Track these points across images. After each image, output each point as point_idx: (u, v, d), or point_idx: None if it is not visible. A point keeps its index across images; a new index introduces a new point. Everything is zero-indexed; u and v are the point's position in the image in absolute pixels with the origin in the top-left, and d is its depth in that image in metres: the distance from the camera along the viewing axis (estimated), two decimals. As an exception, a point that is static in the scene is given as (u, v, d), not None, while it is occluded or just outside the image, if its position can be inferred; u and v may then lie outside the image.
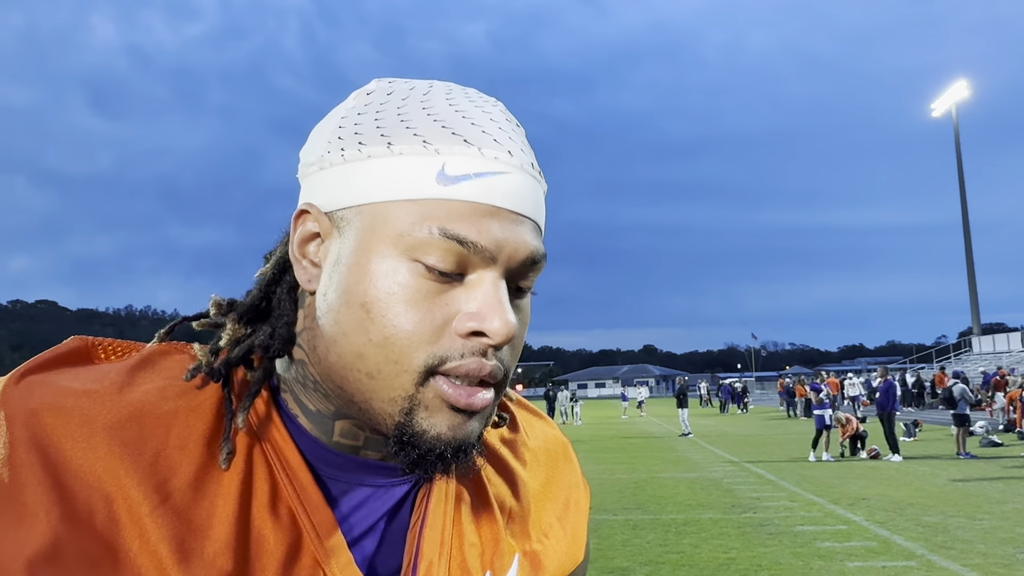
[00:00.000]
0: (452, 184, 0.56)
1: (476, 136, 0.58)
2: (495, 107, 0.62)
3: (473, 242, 0.56)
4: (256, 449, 0.60)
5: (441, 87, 0.62)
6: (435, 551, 0.64)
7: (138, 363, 0.61)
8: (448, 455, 0.57)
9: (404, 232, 0.56)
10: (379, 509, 0.64)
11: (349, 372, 0.57)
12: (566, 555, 0.75)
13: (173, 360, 0.62)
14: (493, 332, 0.56)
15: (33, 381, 0.57)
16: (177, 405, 0.58)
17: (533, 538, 0.73)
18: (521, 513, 0.73)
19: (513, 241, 0.57)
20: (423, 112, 0.59)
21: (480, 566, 0.66)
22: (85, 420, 0.55)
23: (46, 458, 0.54)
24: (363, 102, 0.61)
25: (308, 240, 0.61)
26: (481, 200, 0.57)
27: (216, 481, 0.57)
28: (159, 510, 0.54)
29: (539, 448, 0.78)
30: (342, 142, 0.59)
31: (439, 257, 0.56)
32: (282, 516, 0.59)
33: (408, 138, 0.57)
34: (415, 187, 0.56)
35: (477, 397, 0.57)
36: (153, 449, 0.56)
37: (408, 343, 0.55)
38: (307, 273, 0.60)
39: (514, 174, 0.59)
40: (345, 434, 0.62)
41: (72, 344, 0.63)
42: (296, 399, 0.62)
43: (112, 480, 0.54)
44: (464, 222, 0.56)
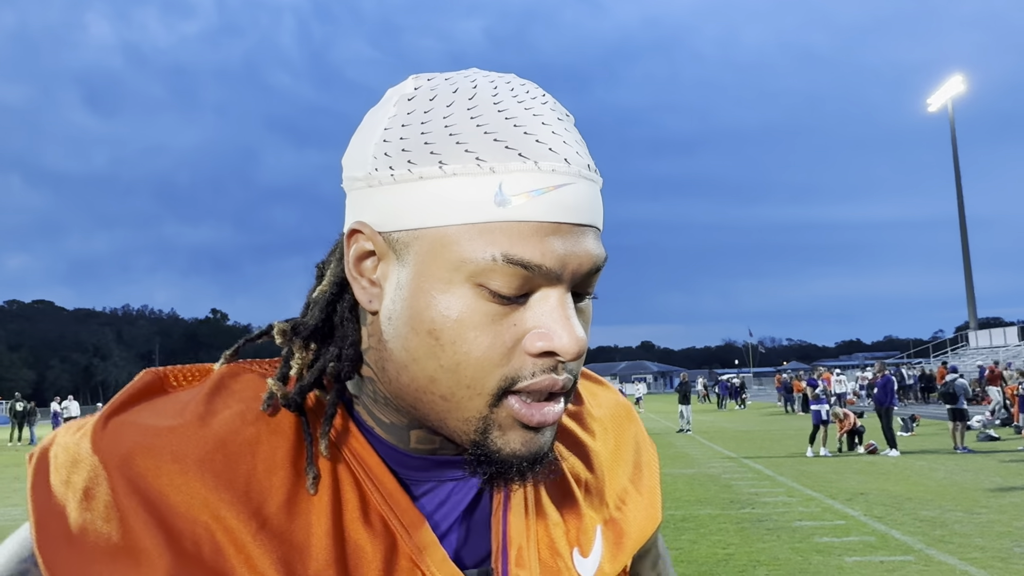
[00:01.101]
0: (511, 205, 0.54)
1: (531, 148, 0.55)
2: (544, 105, 0.59)
3: (538, 265, 0.54)
4: (340, 463, 0.61)
5: (485, 85, 0.58)
6: (522, 535, 0.65)
7: (212, 389, 0.62)
8: (524, 468, 0.58)
9: (466, 258, 0.54)
10: (461, 502, 0.65)
11: (423, 394, 0.58)
12: (645, 517, 0.76)
13: (244, 382, 0.63)
14: (564, 350, 0.55)
15: (118, 423, 0.59)
16: (258, 429, 0.59)
17: (611, 506, 0.73)
18: (596, 484, 0.73)
19: (576, 256, 0.56)
20: (472, 122, 0.56)
21: (567, 543, 0.67)
22: (175, 457, 0.56)
23: (147, 500, 0.55)
24: (406, 110, 0.58)
25: (363, 258, 0.60)
26: (542, 219, 0.55)
27: (307, 499, 0.58)
28: (260, 535, 0.56)
29: (604, 416, 0.79)
30: (389, 159, 0.57)
31: (503, 282, 0.54)
32: (374, 524, 0.60)
33: (460, 155, 0.55)
34: (472, 210, 0.54)
35: (548, 413, 0.57)
36: (244, 476, 0.57)
37: (479, 368, 0.55)
38: (367, 293, 0.59)
39: (573, 184, 0.56)
40: (421, 440, 0.62)
41: (145, 378, 0.64)
42: (370, 412, 0.63)
43: (211, 512, 0.55)
44: (526, 244, 0.54)
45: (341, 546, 0.58)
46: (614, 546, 0.71)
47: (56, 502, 0.56)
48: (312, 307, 0.64)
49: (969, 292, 47.31)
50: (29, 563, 0.56)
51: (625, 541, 0.72)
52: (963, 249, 47.79)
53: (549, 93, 0.61)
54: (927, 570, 6.33)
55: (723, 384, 42.95)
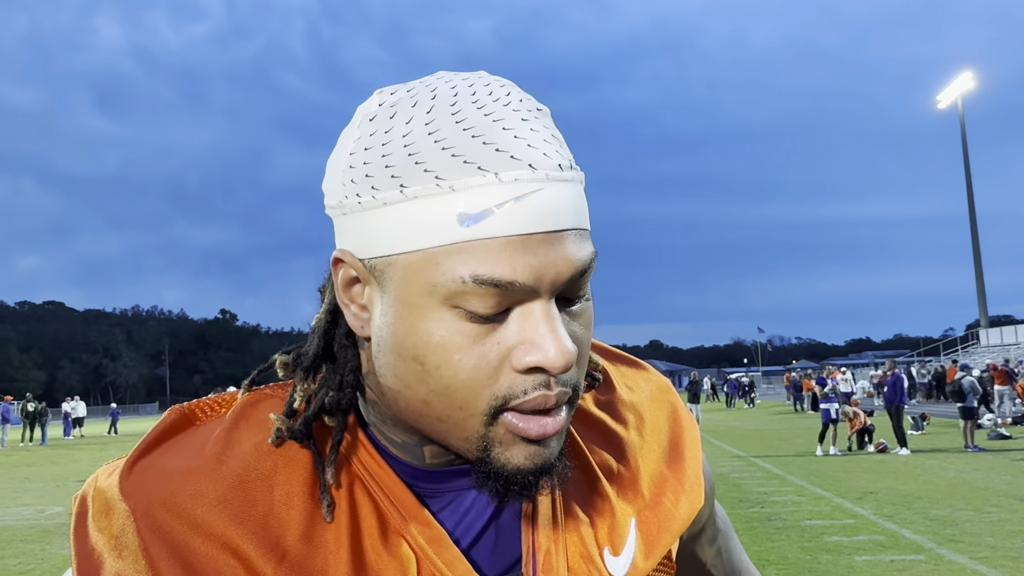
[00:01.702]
0: (474, 223, 0.52)
1: (490, 159, 0.53)
2: (506, 107, 0.55)
3: (510, 282, 0.52)
4: (357, 485, 0.62)
5: (445, 93, 0.55)
6: (550, 540, 0.63)
7: (233, 422, 0.63)
8: (531, 482, 0.57)
9: (437, 283, 0.53)
10: (485, 511, 0.64)
11: (420, 418, 0.58)
12: (685, 504, 0.72)
13: (263, 409, 0.64)
14: (551, 364, 0.53)
15: (143, 468, 0.61)
16: (275, 461, 0.61)
17: (647, 495, 0.70)
18: (630, 475, 0.70)
19: (553, 265, 0.53)
20: (429, 139, 0.53)
21: (596, 543, 0.65)
22: (195, 500, 0.58)
23: (172, 547, 0.57)
24: (368, 131, 0.56)
25: (350, 284, 0.59)
26: (509, 233, 0.52)
27: (324, 527, 0.59)
28: (280, 569, 0.57)
29: (637, 400, 0.76)
30: (356, 186, 0.56)
31: (479, 303, 0.53)
32: (393, 544, 0.60)
33: (419, 176, 0.53)
34: (437, 233, 0.53)
35: (547, 424, 0.55)
36: (262, 511, 0.58)
37: (468, 390, 0.54)
38: (358, 319, 0.59)
39: (541, 191, 0.53)
40: (436, 455, 0.62)
41: (171, 418, 0.66)
42: (382, 432, 0.64)
43: (232, 551, 0.57)
44: (495, 262, 0.52)
45: (361, 570, 0.58)
46: (650, 539, 0.68)
47: (93, 548, 0.58)
48: (312, 336, 0.65)
49: (980, 290, 47.06)
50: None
51: (661, 533, 0.69)
52: (973, 246, 47.54)
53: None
54: (938, 569, 6.30)
55: (732, 383, 42.86)
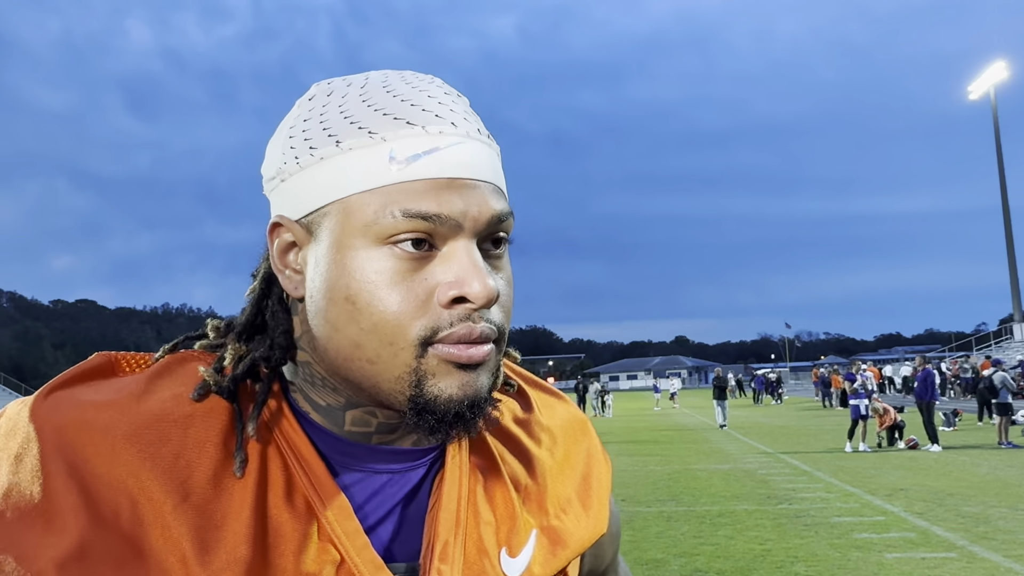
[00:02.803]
0: (404, 166, 0.59)
1: (417, 116, 0.60)
2: (431, 84, 0.64)
3: (436, 214, 0.58)
4: (271, 447, 0.63)
5: (377, 76, 0.64)
6: (450, 531, 0.65)
7: (155, 372, 0.65)
8: (464, 413, 0.60)
9: (370, 221, 0.59)
10: (396, 495, 0.66)
11: (352, 363, 0.60)
12: (587, 529, 0.75)
13: (189, 368, 0.66)
14: (474, 296, 0.58)
15: (59, 396, 0.62)
16: (193, 409, 0.62)
17: (551, 514, 0.73)
18: (537, 490, 0.73)
19: (476, 205, 0.60)
20: (363, 104, 0.61)
21: (496, 543, 0.68)
22: (106, 430, 0.59)
23: (72, 467, 0.58)
24: (307, 108, 0.64)
25: (286, 250, 0.64)
26: (435, 175, 0.59)
27: (233, 479, 0.60)
28: (181, 507, 0.58)
29: (554, 426, 0.79)
30: (295, 151, 0.62)
31: (407, 237, 0.58)
32: (298, 506, 0.61)
33: (354, 132, 0.60)
34: (370, 177, 0.59)
35: (475, 352, 0.59)
36: (172, 451, 0.59)
37: (397, 323, 0.58)
38: (291, 281, 0.64)
39: (462, 144, 0.61)
40: (356, 422, 0.65)
41: (96, 360, 0.67)
42: (306, 397, 0.66)
43: (135, 483, 0.58)
44: (423, 199, 0.58)
45: (262, 523, 0.60)
46: (548, 551, 0.71)
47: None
48: (245, 304, 0.69)
49: (1013, 284, 46.21)
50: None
51: (561, 549, 0.72)
52: (1007, 239, 46.68)
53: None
54: (970, 567, 6.21)
55: (759, 379, 42.49)
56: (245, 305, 0.69)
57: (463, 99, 0.66)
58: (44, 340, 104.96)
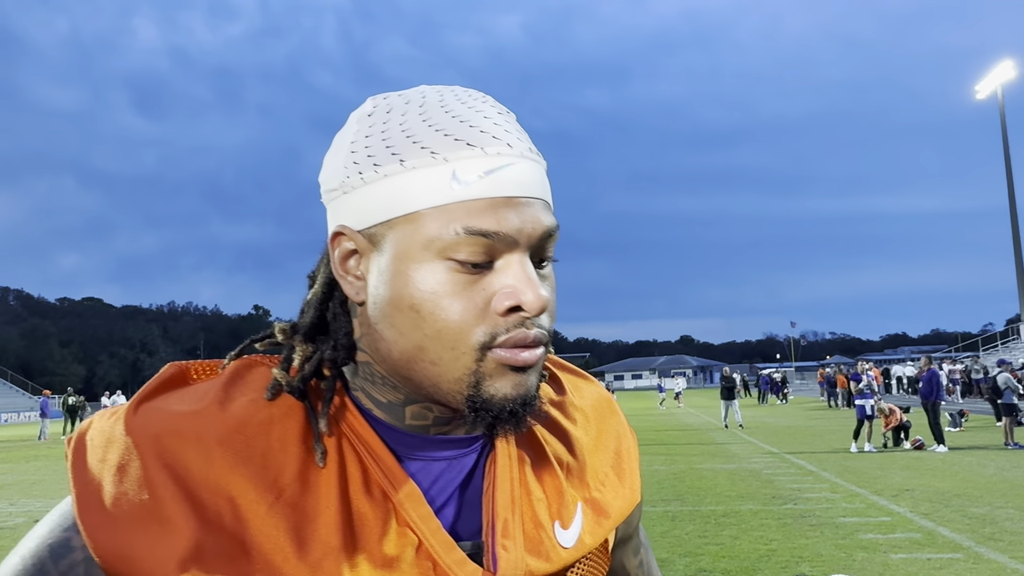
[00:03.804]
0: (465, 186, 0.63)
1: (476, 137, 0.65)
2: (485, 103, 0.68)
3: (495, 232, 0.63)
4: (344, 442, 0.69)
5: (433, 95, 0.68)
6: (507, 509, 0.72)
7: (228, 380, 0.70)
8: (517, 410, 0.66)
9: (433, 237, 0.63)
10: (454, 480, 0.72)
11: (415, 363, 0.66)
12: (624, 499, 0.83)
13: (257, 373, 0.71)
14: (528, 305, 0.63)
15: (148, 408, 0.67)
16: (271, 413, 0.67)
17: (591, 487, 0.81)
18: (578, 466, 0.80)
19: (530, 222, 0.65)
20: (424, 124, 0.65)
21: (549, 517, 0.74)
22: (198, 436, 0.64)
23: (174, 473, 0.63)
24: (367, 124, 0.68)
25: (347, 257, 0.68)
26: (493, 194, 0.64)
27: (317, 473, 0.66)
28: (275, 506, 0.63)
29: (586, 405, 0.86)
30: (358, 166, 0.66)
31: (468, 252, 0.63)
32: (375, 495, 0.67)
33: (416, 152, 0.64)
34: (433, 195, 0.64)
35: (528, 356, 0.65)
36: (260, 453, 0.65)
37: (459, 330, 0.63)
38: (353, 287, 0.68)
39: (517, 164, 0.65)
40: (415, 416, 0.70)
41: (170, 371, 0.72)
42: (367, 395, 0.71)
43: (231, 485, 0.63)
44: (483, 217, 0.63)
45: (347, 513, 0.65)
46: (594, 522, 0.79)
47: (93, 477, 0.64)
48: (307, 308, 0.74)
49: (1021, 284, 46.00)
50: (72, 531, 0.64)
51: (604, 519, 0.80)
52: (1014, 240, 46.49)
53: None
54: (976, 568, 6.19)
55: (764, 378, 42.41)
56: (307, 308, 0.74)
57: (511, 115, 0.70)
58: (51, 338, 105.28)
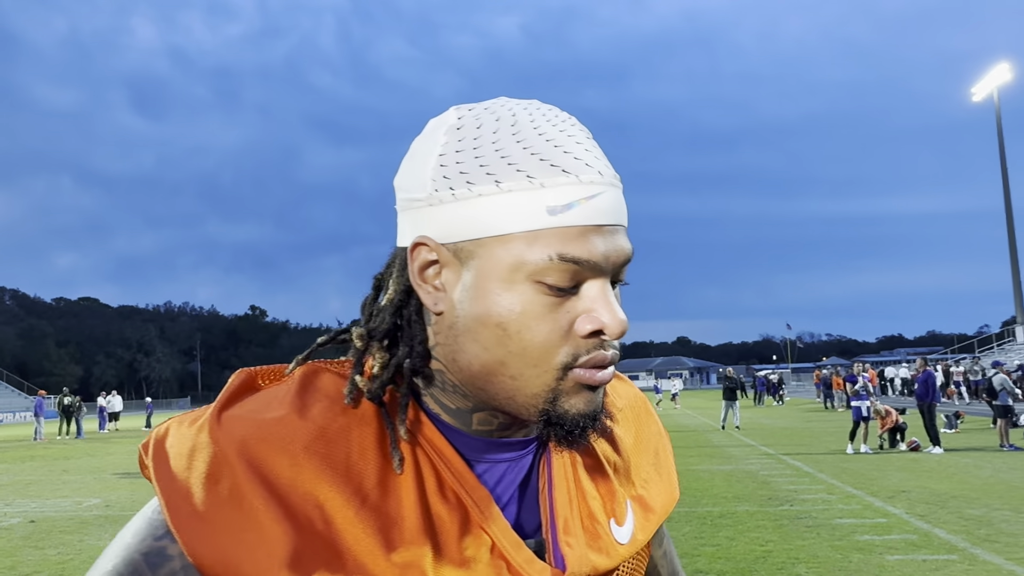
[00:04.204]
0: (559, 213, 0.65)
1: (571, 164, 0.66)
2: (574, 127, 0.70)
3: (585, 260, 0.65)
4: (417, 447, 0.71)
5: (522, 114, 0.68)
6: (567, 508, 0.75)
7: (300, 387, 0.71)
8: (588, 425, 0.68)
9: (525, 260, 0.65)
10: (514, 480, 0.75)
11: (494, 376, 0.67)
12: (666, 495, 0.88)
13: (326, 379, 0.73)
14: (609, 329, 0.66)
15: (231, 417, 0.68)
16: (348, 419, 0.69)
17: (637, 485, 0.85)
18: (624, 465, 0.84)
19: (614, 250, 0.67)
20: (518, 145, 0.66)
21: (604, 514, 0.78)
22: (284, 444, 0.66)
23: (265, 480, 0.64)
24: (456, 138, 0.68)
25: (426, 267, 0.69)
26: (585, 222, 0.65)
27: (395, 478, 0.68)
28: (362, 511, 0.65)
29: (626, 407, 0.90)
30: (449, 181, 0.67)
31: (557, 277, 0.65)
32: (450, 498, 0.70)
33: (512, 175, 0.65)
34: (527, 220, 0.65)
35: (603, 375, 0.68)
36: (342, 459, 0.67)
37: (544, 349, 0.66)
38: (432, 297, 0.69)
39: (607, 192, 0.67)
40: (482, 422, 0.73)
41: (242, 378, 0.74)
42: (436, 400, 0.73)
43: (319, 491, 0.65)
44: (574, 244, 0.65)
45: (427, 517, 0.68)
46: (643, 518, 0.83)
47: (182, 485, 0.65)
48: (381, 313, 0.74)
49: (1016, 286, 46.11)
50: (166, 539, 0.65)
51: (651, 515, 0.84)
52: (1010, 242, 46.60)
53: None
54: (972, 570, 6.20)
55: (760, 380, 42.44)
56: (380, 312, 0.74)
57: (592, 137, 0.72)
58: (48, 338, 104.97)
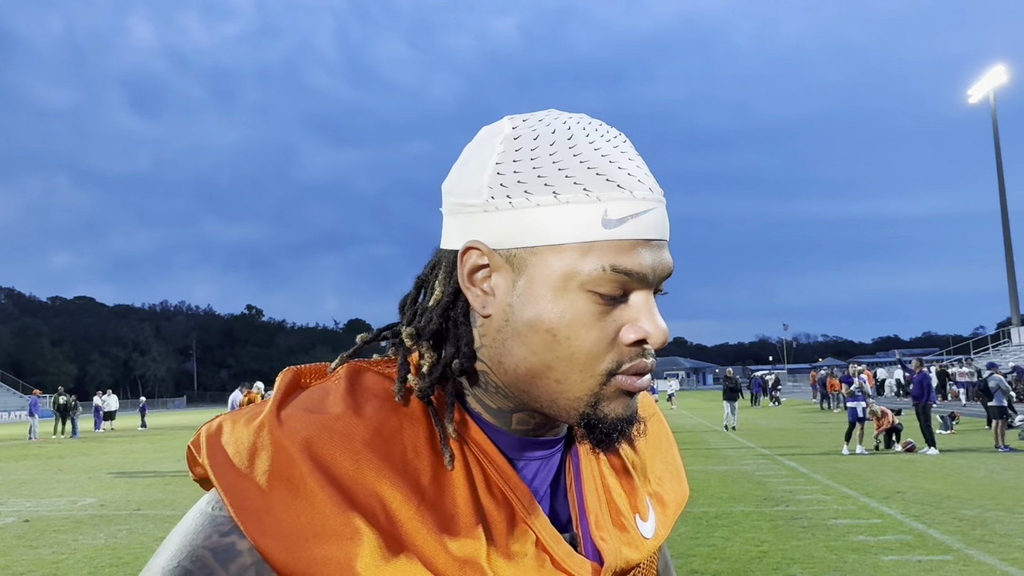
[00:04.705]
0: (614, 227, 0.68)
1: (625, 180, 0.69)
2: (626, 143, 0.73)
3: (635, 272, 0.68)
4: (464, 445, 0.73)
5: (577, 128, 0.71)
6: (596, 503, 0.79)
7: (349, 386, 0.73)
8: (625, 429, 0.71)
9: (578, 269, 0.68)
10: (547, 477, 0.78)
11: (539, 380, 0.70)
12: (679, 492, 0.93)
13: (371, 379, 0.75)
14: (653, 339, 0.69)
15: (289, 416, 0.70)
16: (400, 418, 0.72)
17: (653, 482, 0.89)
18: (641, 464, 0.88)
19: (661, 264, 0.70)
20: (575, 159, 0.69)
21: (630, 510, 0.82)
22: (346, 440, 0.68)
23: (331, 477, 0.66)
24: (513, 147, 0.71)
25: (476, 271, 0.72)
26: (636, 236, 0.68)
27: (447, 475, 0.71)
28: (422, 507, 0.67)
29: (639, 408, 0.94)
30: (506, 189, 0.69)
31: (608, 287, 0.68)
32: (496, 495, 0.73)
33: (570, 187, 0.68)
34: (583, 232, 0.68)
35: (643, 382, 0.71)
36: (399, 457, 0.69)
37: (591, 356, 0.68)
38: (481, 300, 0.72)
39: (656, 208, 0.70)
40: (521, 422, 0.76)
41: (290, 376, 0.76)
42: (478, 400, 0.76)
43: (380, 487, 0.67)
44: (626, 256, 0.68)
45: (479, 513, 0.70)
46: (661, 513, 0.87)
47: (246, 482, 0.66)
48: (428, 313, 0.77)
49: (1011, 287, 46.23)
50: (234, 535, 0.66)
51: (668, 510, 0.88)
52: (1005, 243, 46.71)
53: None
54: (966, 570, 6.21)
55: (756, 381, 42.49)
56: (427, 312, 0.76)
57: (640, 155, 0.75)
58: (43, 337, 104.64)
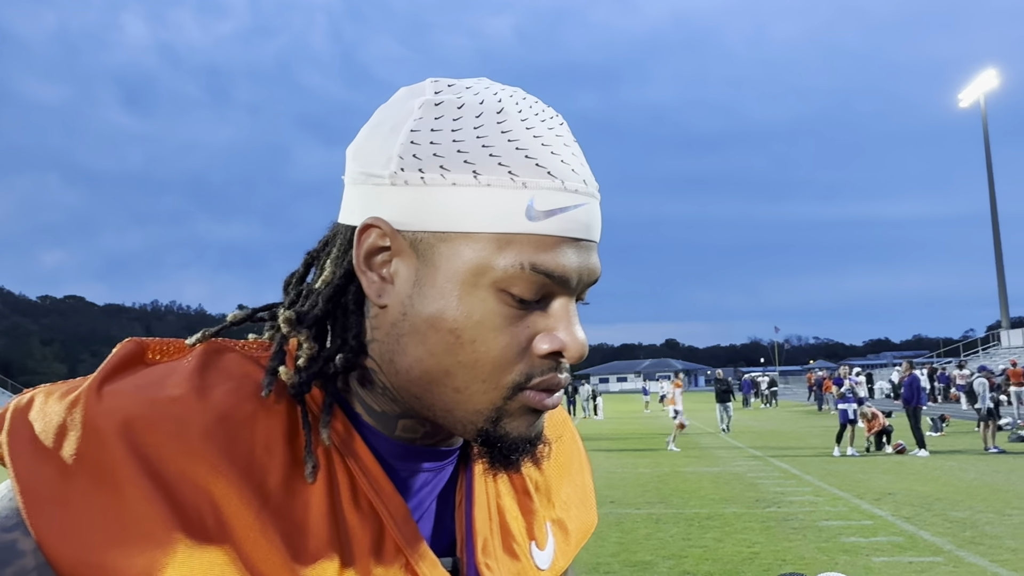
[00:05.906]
0: (539, 220, 0.58)
1: (557, 167, 0.59)
2: (562, 125, 0.63)
3: (559, 274, 0.59)
4: (332, 450, 0.62)
5: (509, 102, 0.61)
6: (487, 527, 0.69)
7: (200, 365, 0.61)
8: (527, 450, 0.63)
9: (492, 264, 0.58)
10: (432, 492, 0.68)
11: (435, 386, 0.60)
12: (585, 520, 0.84)
13: (230, 360, 0.62)
14: (570, 352, 0.60)
15: (114, 391, 0.57)
16: (255, 407, 0.59)
17: (557, 507, 0.79)
18: (545, 485, 0.79)
19: (587, 268, 0.61)
20: (503, 137, 0.59)
21: (526, 536, 0.73)
22: (180, 428, 0.55)
23: (151, 469, 0.53)
24: (432, 115, 0.60)
25: (375, 253, 0.61)
26: (563, 233, 0.59)
27: (304, 480, 0.60)
28: (263, 512, 0.56)
29: (548, 425, 0.81)
30: (419, 162, 0.59)
31: (525, 288, 0.59)
32: (363, 508, 0.62)
33: (494, 168, 0.58)
34: (502, 221, 0.58)
35: (553, 399, 0.62)
36: (244, 452, 0.57)
37: (496, 365, 0.59)
38: (377, 287, 0.61)
39: (588, 204, 0.61)
40: (406, 429, 0.65)
41: (128, 347, 0.63)
42: (361, 401, 0.65)
43: (214, 485, 0.55)
44: (548, 255, 0.58)
45: (336, 526, 0.60)
46: (563, 542, 0.78)
47: (43, 468, 0.53)
48: (313, 296, 0.65)
49: (1001, 290, 46.48)
50: (17, 532, 0.53)
51: (570, 538, 0.80)
52: (995, 247, 46.94)
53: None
54: (956, 571, 6.24)
55: (746, 382, 42.59)
56: (313, 295, 0.65)
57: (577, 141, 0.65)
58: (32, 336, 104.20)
